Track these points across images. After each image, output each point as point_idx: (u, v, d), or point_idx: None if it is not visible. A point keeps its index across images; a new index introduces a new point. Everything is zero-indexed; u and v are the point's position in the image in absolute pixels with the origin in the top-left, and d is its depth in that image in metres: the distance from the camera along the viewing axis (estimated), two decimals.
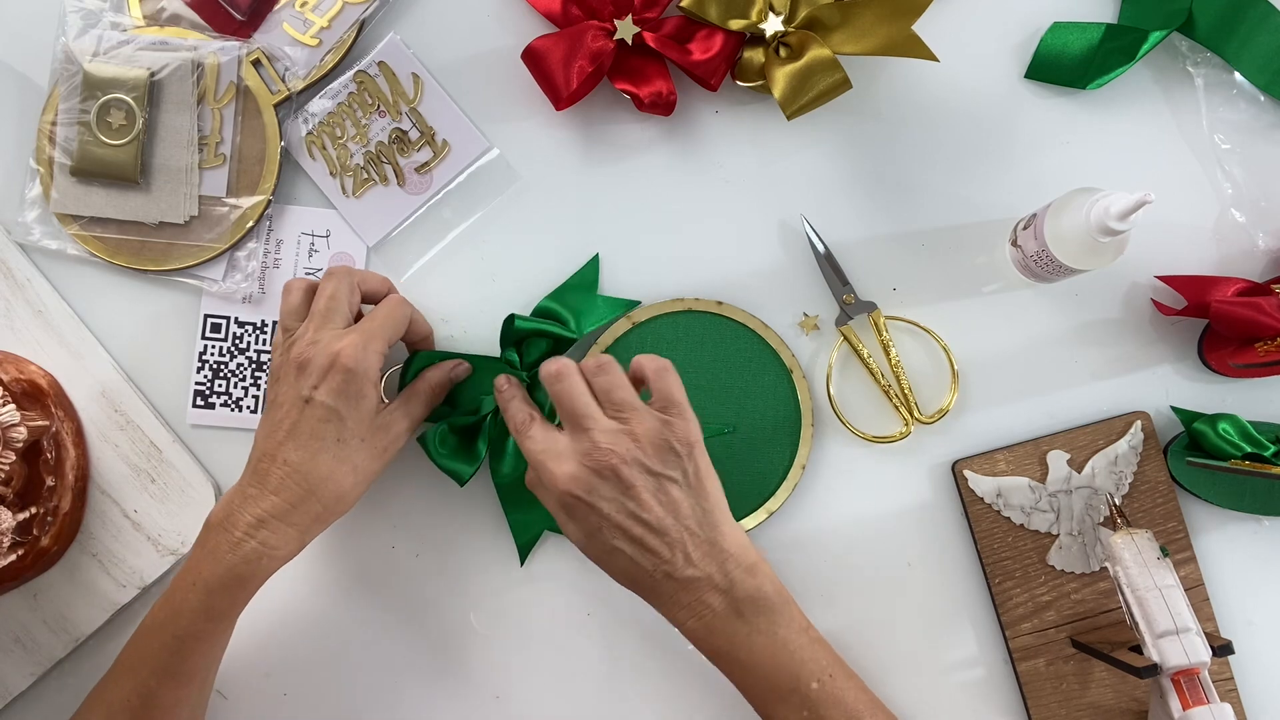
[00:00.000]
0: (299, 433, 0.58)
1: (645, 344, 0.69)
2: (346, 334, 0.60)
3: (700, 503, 0.57)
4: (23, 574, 0.66)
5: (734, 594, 0.56)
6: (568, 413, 0.58)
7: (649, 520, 0.56)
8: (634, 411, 0.57)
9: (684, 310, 0.69)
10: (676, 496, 0.57)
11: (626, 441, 0.56)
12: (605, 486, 0.56)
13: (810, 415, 0.69)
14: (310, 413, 0.58)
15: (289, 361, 0.60)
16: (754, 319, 0.69)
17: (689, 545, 0.56)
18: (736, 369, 0.69)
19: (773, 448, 0.69)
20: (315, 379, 0.58)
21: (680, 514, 0.56)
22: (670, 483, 0.57)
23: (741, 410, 0.69)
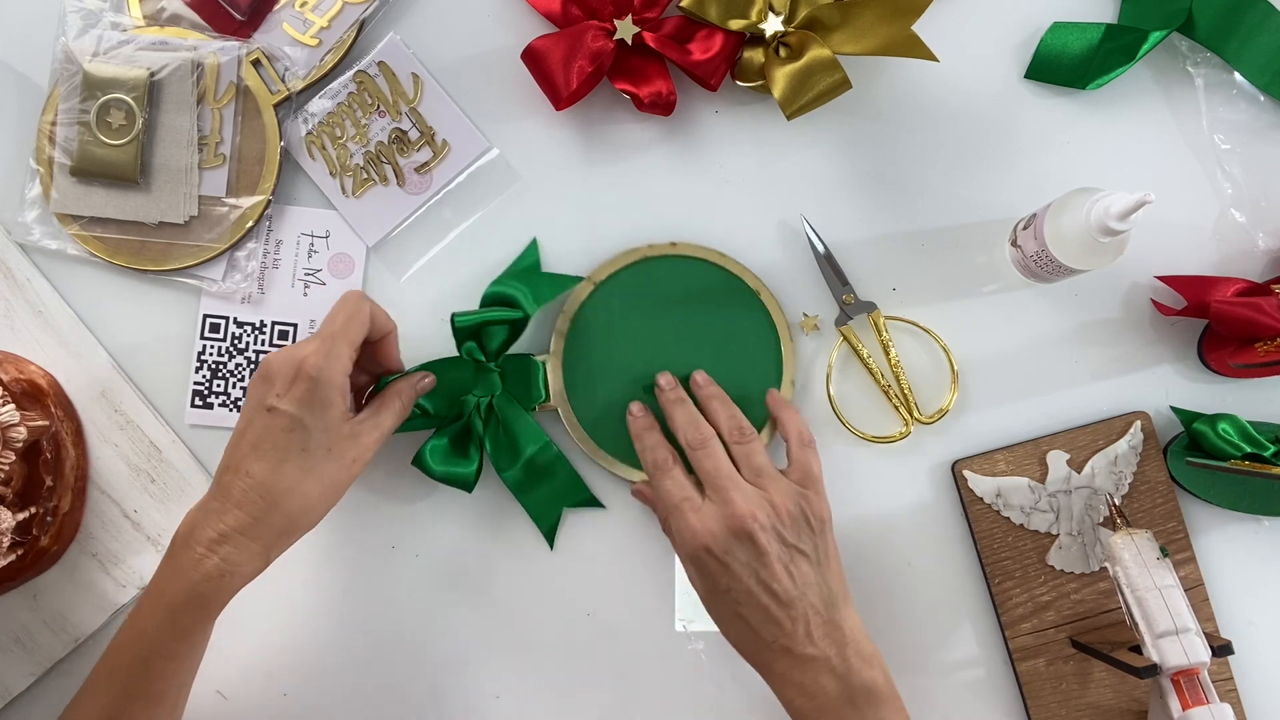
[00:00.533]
0: (262, 444, 0.56)
1: (611, 302, 0.69)
2: (309, 341, 0.58)
3: (827, 581, 0.58)
4: (23, 574, 0.66)
5: (849, 681, 0.56)
6: (708, 474, 0.59)
7: (777, 590, 0.56)
8: (772, 480, 0.59)
9: (640, 259, 0.69)
10: (806, 571, 0.57)
11: (765, 507, 0.57)
12: (740, 549, 0.56)
13: (786, 330, 0.69)
14: (273, 422, 0.56)
15: (256, 374, 0.58)
16: (711, 251, 0.69)
17: (812, 622, 0.56)
18: (705, 303, 0.69)
19: (759, 371, 0.69)
20: (279, 387, 0.56)
21: (807, 589, 0.57)
22: (801, 556, 0.57)
23: (720, 347, 0.69)
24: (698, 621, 0.70)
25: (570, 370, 0.69)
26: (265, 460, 0.56)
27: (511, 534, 0.70)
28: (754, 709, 0.69)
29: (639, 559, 0.70)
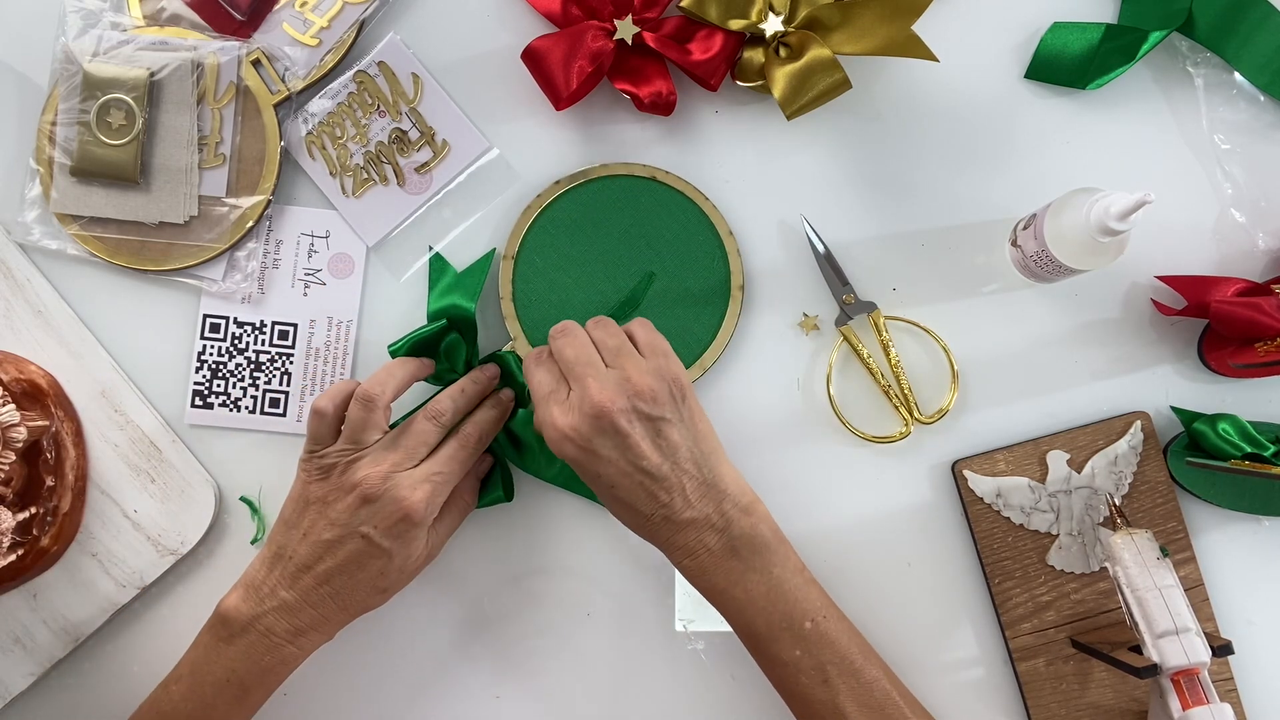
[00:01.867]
0: (344, 556, 0.59)
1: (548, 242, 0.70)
2: (418, 481, 0.60)
3: (697, 444, 0.58)
4: (23, 574, 0.66)
5: (730, 533, 0.58)
6: (569, 363, 0.59)
7: (647, 467, 0.57)
8: (629, 357, 0.59)
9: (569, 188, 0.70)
10: (674, 439, 0.57)
11: (623, 388, 0.57)
12: (603, 437, 0.56)
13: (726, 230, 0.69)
14: (362, 546, 0.59)
15: (350, 483, 0.59)
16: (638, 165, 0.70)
17: (687, 487, 0.57)
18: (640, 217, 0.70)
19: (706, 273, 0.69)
20: (379, 519, 0.59)
21: (678, 457, 0.57)
22: (666, 425, 0.57)
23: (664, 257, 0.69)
24: (698, 621, 0.70)
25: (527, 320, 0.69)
26: (344, 575, 0.59)
27: (511, 534, 0.70)
28: (754, 709, 0.69)
29: (639, 559, 0.70)
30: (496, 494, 0.68)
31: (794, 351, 0.70)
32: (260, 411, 0.70)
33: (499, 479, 0.68)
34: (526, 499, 0.69)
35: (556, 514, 0.70)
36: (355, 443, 0.61)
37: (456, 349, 0.67)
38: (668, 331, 0.68)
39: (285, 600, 0.59)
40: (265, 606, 0.59)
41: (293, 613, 0.59)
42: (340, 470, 0.60)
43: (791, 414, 0.70)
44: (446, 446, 0.62)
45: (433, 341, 0.67)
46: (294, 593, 0.59)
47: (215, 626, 0.60)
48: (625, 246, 0.70)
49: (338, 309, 0.70)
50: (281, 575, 0.60)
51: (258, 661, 0.59)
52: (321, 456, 0.61)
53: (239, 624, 0.59)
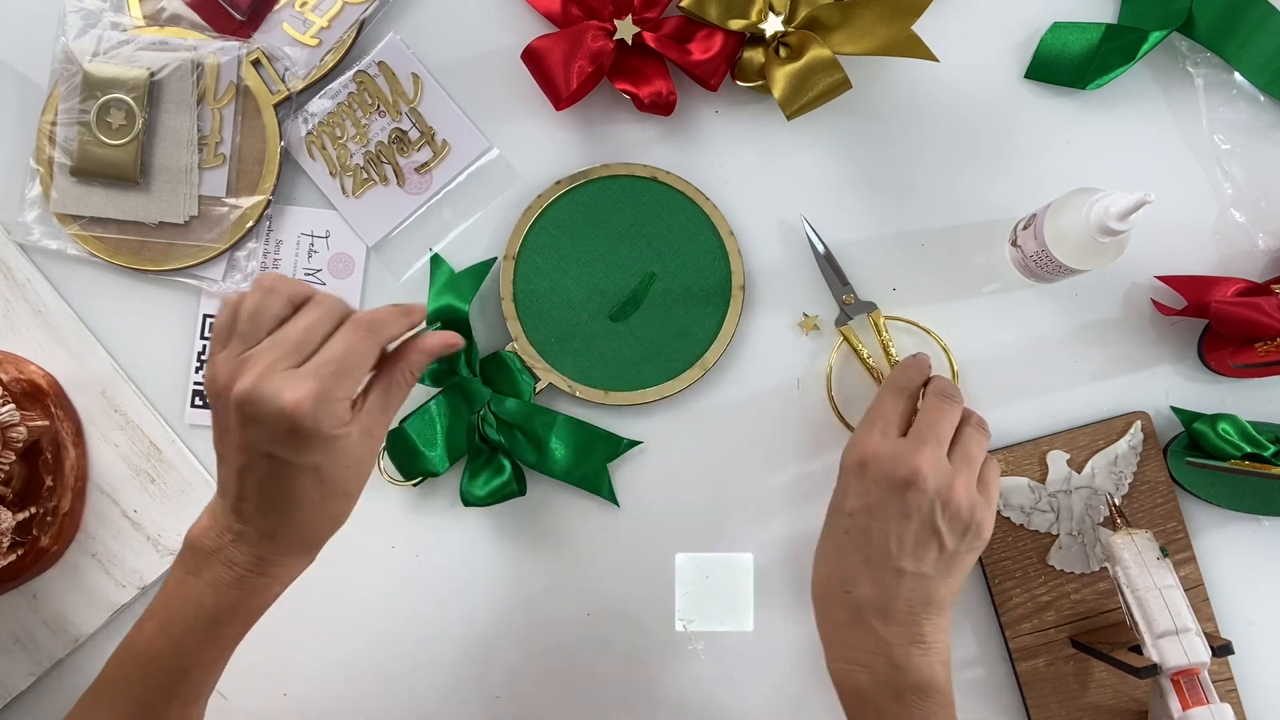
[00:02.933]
0: (274, 487, 0.50)
1: (550, 240, 0.69)
2: (301, 377, 0.48)
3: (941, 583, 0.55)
4: (23, 574, 0.66)
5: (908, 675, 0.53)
6: (923, 424, 0.57)
7: (893, 551, 0.53)
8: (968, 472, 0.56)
9: (571, 188, 0.70)
10: (930, 559, 0.54)
11: (945, 481, 0.54)
12: (890, 493, 0.54)
13: (726, 229, 0.69)
14: (275, 468, 0.49)
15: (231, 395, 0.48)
16: (639, 165, 0.70)
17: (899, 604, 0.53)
18: (640, 216, 0.70)
19: (706, 272, 0.69)
20: (271, 436, 0.48)
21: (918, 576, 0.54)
22: (937, 543, 0.54)
23: (664, 257, 0.69)
24: (698, 621, 0.70)
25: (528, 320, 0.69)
26: (284, 501, 0.51)
27: (510, 533, 0.70)
28: (754, 709, 0.69)
29: (639, 559, 0.70)
30: (510, 486, 0.67)
31: (794, 351, 0.70)
32: None
33: (510, 470, 0.68)
34: (526, 499, 0.69)
35: (557, 514, 0.70)
36: (242, 339, 0.50)
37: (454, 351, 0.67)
38: (668, 331, 0.69)
39: (240, 531, 0.51)
40: (224, 539, 0.52)
41: (250, 543, 0.52)
42: (224, 383, 0.49)
43: (792, 414, 0.70)
44: (336, 334, 0.50)
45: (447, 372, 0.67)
46: (243, 524, 0.51)
47: (184, 557, 0.53)
48: (626, 246, 0.70)
49: None
50: (226, 509, 0.52)
51: (225, 595, 0.52)
52: (211, 362, 0.51)
53: (205, 552, 0.52)
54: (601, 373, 0.69)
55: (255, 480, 0.50)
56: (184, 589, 0.53)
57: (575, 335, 0.69)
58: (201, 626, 0.52)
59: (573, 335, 0.69)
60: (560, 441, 0.68)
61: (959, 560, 0.55)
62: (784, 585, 0.69)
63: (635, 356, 0.69)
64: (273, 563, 0.52)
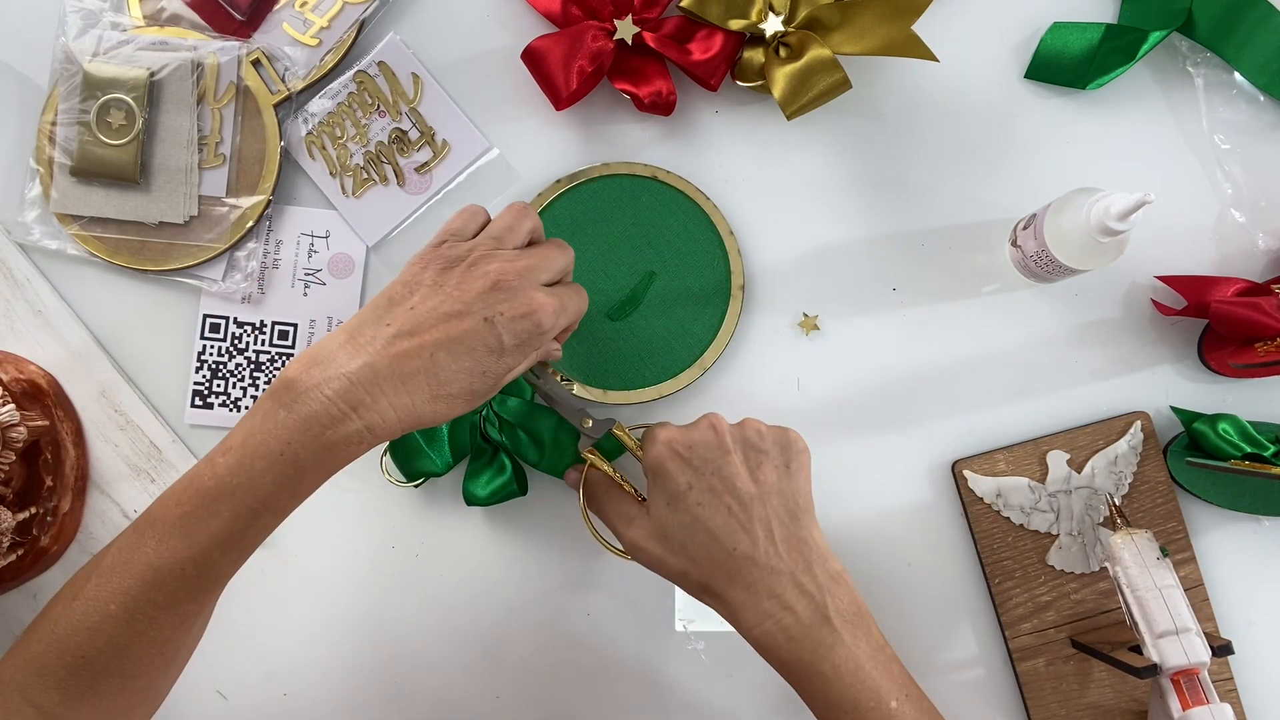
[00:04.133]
0: (460, 339, 0.52)
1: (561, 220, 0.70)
2: (552, 291, 0.55)
3: (793, 496, 0.57)
4: (23, 574, 0.66)
5: (822, 600, 0.54)
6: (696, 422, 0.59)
7: (739, 486, 0.55)
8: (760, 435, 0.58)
9: (569, 187, 0.70)
10: (769, 475, 0.57)
11: (740, 425, 0.58)
12: (703, 447, 0.56)
13: (726, 229, 0.69)
14: (482, 328, 0.52)
15: (484, 270, 0.53)
16: (640, 165, 0.70)
17: (775, 531, 0.55)
18: (641, 216, 0.70)
19: (707, 271, 0.69)
20: (505, 308, 0.53)
21: (769, 493, 0.56)
22: (766, 460, 0.57)
23: (664, 256, 0.70)
24: (698, 621, 0.70)
25: None
26: (452, 357, 0.52)
27: (510, 533, 0.70)
28: (754, 709, 0.69)
29: None
30: (511, 486, 0.67)
31: (793, 351, 0.70)
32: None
33: (511, 470, 0.68)
34: (527, 499, 0.69)
35: (557, 514, 0.70)
36: (497, 240, 0.56)
37: None
38: (668, 331, 0.69)
39: (370, 363, 0.50)
40: (334, 372, 0.50)
41: (376, 379, 0.50)
42: (471, 262, 0.54)
43: (791, 413, 0.70)
44: (570, 285, 0.59)
45: None
46: (384, 356, 0.51)
47: (278, 391, 0.50)
48: (626, 245, 0.70)
49: (338, 309, 0.70)
50: (370, 340, 0.51)
51: (320, 436, 0.49)
52: (453, 246, 0.55)
53: (303, 388, 0.50)
54: (600, 371, 0.69)
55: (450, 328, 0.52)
56: (271, 423, 0.50)
57: (574, 334, 0.69)
58: (283, 469, 0.49)
59: (572, 334, 0.69)
60: (562, 440, 0.68)
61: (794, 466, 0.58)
62: None
63: (634, 355, 0.69)
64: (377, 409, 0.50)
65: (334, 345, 0.52)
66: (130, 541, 0.50)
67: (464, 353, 0.52)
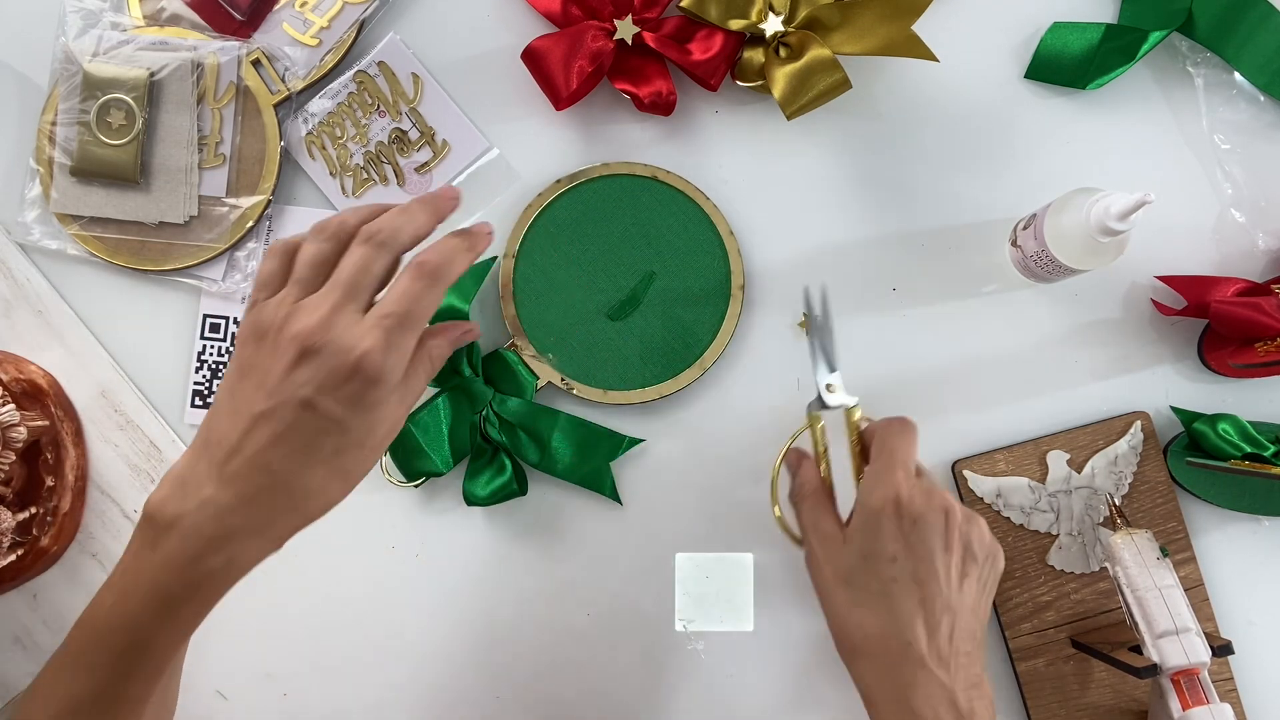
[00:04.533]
0: (289, 439, 0.46)
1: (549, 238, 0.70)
2: (369, 326, 0.46)
3: (981, 620, 0.54)
4: (23, 574, 0.66)
5: None
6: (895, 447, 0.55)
7: (941, 588, 0.52)
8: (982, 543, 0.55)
9: (570, 186, 0.70)
10: (970, 592, 0.53)
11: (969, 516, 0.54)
12: (931, 527, 0.52)
13: (727, 229, 0.69)
14: (304, 418, 0.46)
15: (285, 337, 0.46)
16: (640, 165, 0.70)
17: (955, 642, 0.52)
18: (641, 216, 0.70)
19: (707, 272, 0.69)
20: (324, 379, 0.46)
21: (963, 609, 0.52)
22: (973, 576, 0.53)
23: (665, 256, 0.69)
24: (698, 621, 0.70)
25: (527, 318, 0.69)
26: (291, 460, 0.47)
27: (510, 533, 0.70)
28: (754, 709, 0.69)
29: (639, 559, 0.70)
30: (511, 486, 0.67)
31: (793, 351, 0.70)
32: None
33: (512, 470, 0.68)
34: (527, 499, 0.69)
35: (556, 514, 0.70)
36: (300, 285, 0.48)
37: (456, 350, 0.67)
38: (668, 331, 0.69)
39: (211, 496, 0.46)
40: (189, 504, 0.47)
41: (222, 512, 0.46)
42: (278, 326, 0.47)
43: (791, 414, 0.70)
44: (400, 280, 0.48)
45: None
46: (222, 485, 0.46)
47: (142, 527, 0.48)
48: (626, 246, 0.70)
49: None
50: (208, 465, 0.47)
51: (184, 573, 0.47)
52: (261, 309, 0.48)
53: (162, 524, 0.47)
54: (600, 372, 0.69)
55: (272, 428, 0.46)
56: (141, 561, 0.48)
57: (574, 334, 0.69)
58: (156, 606, 0.47)
59: (572, 334, 0.69)
60: (563, 440, 0.68)
61: (990, 590, 0.54)
62: (784, 585, 0.69)
63: (634, 356, 0.69)
64: (235, 538, 0.47)
65: (188, 464, 0.48)
66: (52, 670, 0.50)
67: (301, 451, 0.47)
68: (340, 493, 0.49)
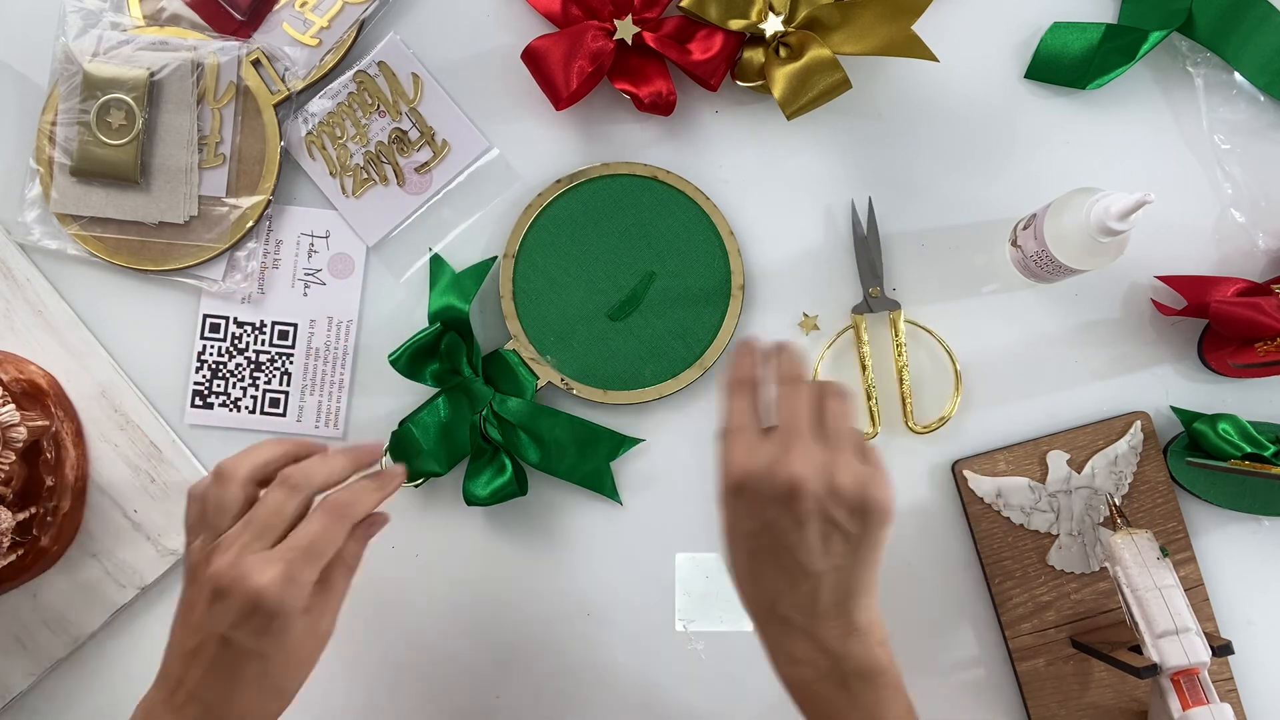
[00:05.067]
0: (216, 670, 0.51)
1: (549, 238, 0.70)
2: (272, 560, 0.51)
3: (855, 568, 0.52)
4: (23, 574, 0.66)
5: (844, 663, 0.52)
6: (785, 416, 0.53)
7: (802, 559, 0.51)
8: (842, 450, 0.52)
9: (571, 186, 0.70)
10: (836, 551, 0.52)
11: (824, 477, 0.51)
12: (779, 509, 0.51)
13: (727, 229, 0.69)
14: (224, 653, 0.51)
15: (203, 577, 0.51)
16: (640, 165, 0.70)
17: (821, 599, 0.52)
18: (641, 216, 0.70)
19: (707, 272, 0.69)
20: (233, 617, 0.50)
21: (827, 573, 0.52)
22: (840, 535, 0.51)
23: (664, 255, 0.69)
24: (698, 621, 0.70)
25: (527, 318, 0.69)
26: (220, 686, 0.51)
27: (511, 533, 0.70)
28: (753, 709, 0.69)
29: (640, 558, 0.70)
30: (511, 486, 0.67)
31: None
32: (260, 411, 0.70)
33: (512, 470, 0.68)
34: (527, 499, 0.69)
35: (557, 515, 0.70)
36: (211, 529, 0.53)
37: (456, 349, 0.67)
38: (668, 331, 0.69)
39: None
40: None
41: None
42: (200, 566, 0.52)
43: None
44: (310, 519, 0.53)
45: (430, 345, 0.67)
46: (173, 715, 0.51)
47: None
48: (626, 246, 0.70)
49: (338, 309, 0.70)
50: (164, 697, 0.52)
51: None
52: (188, 552, 0.54)
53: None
54: (600, 372, 0.69)
55: (202, 664, 0.51)
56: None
57: (575, 334, 0.69)
58: None
59: (572, 334, 0.69)
60: (563, 440, 0.68)
61: (866, 542, 0.52)
62: None
63: (635, 355, 0.69)
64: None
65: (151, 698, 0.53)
66: None
67: (228, 679, 0.51)
68: (278, 707, 0.53)
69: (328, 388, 0.70)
